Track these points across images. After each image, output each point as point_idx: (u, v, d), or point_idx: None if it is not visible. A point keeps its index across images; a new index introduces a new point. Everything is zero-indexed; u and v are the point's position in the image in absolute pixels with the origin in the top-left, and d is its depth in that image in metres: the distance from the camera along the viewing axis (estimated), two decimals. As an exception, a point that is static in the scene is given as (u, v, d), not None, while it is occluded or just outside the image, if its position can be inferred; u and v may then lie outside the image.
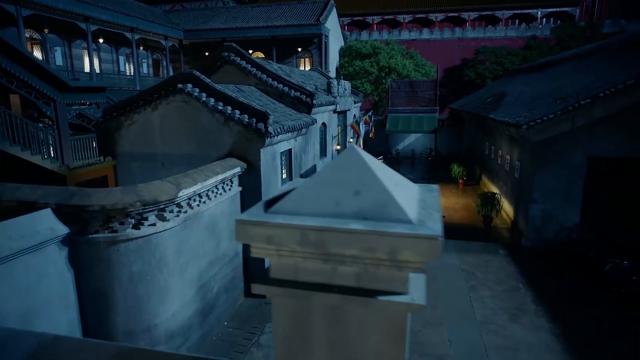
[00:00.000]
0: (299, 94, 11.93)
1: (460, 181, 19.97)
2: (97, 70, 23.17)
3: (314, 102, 11.91)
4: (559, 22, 41.99)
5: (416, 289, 1.38)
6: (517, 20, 50.98)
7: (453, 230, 13.43)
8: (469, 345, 7.30)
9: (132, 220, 5.68)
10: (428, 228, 1.31)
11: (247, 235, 1.38)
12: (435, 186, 1.72)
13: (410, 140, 29.75)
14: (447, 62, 44.52)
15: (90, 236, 5.55)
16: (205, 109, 8.62)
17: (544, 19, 50.91)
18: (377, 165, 1.50)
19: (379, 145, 28.19)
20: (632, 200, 11.27)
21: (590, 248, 10.28)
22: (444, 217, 12.29)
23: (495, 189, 16.34)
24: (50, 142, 11.21)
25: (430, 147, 28.21)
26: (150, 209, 5.76)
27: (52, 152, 11.24)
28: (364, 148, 27.47)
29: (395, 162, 27.76)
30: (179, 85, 8.65)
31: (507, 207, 14.78)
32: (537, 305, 8.62)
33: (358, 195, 1.43)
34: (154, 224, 5.87)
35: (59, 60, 22.20)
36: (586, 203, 11.59)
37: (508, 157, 14.82)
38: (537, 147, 11.63)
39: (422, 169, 25.15)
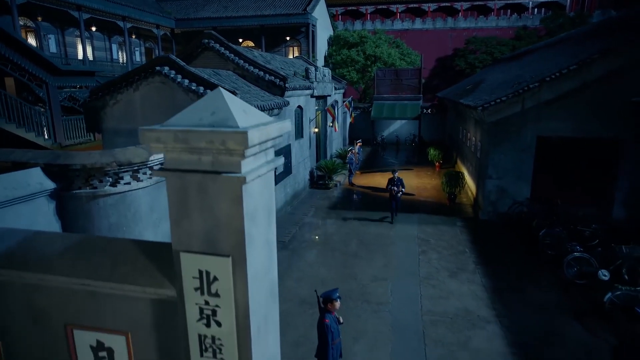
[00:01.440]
0: (272, 77, 12.90)
1: (437, 164, 21.00)
2: (90, 58, 24.00)
3: (287, 85, 12.88)
4: (550, 12, 42.76)
5: (246, 171, 2.47)
6: (508, 11, 51.68)
7: (419, 206, 14.50)
8: (408, 295, 8.40)
9: (110, 179, 6.71)
10: (242, 129, 2.38)
11: (146, 138, 2.46)
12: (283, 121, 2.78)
13: (395, 127, 30.72)
14: (440, 52, 45.33)
15: (74, 192, 6.58)
16: (180, 88, 9.61)
17: (535, 9, 51.63)
18: (235, 102, 2.61)
19: (365, 132, 29.19)
20: (575, 176, 12.34)
21: (534, 219, 11.35)
22: (412, 195, 13.27)
23: (465, 170, 17.42)
24: (44, 122, 12.18)
25: (414, 133, 29.18)
26: (125, 170, 6.78)
27: (45, 132, 12.21)
28: (349, 132, 28.44)
29: (380, 147, 28.79)
30: (157, 68, 9.63)
31: (471, 186, 15.85)
32: (476, 265, 9.72)
33: (213, 114, 2.53)
34: (129, 183, 6.90)
35: (53, 48, 23.01)
36: (535, 179, 12.66)
37: (473, 139, 15.86)
38: (492, 127, 12.67)
39: (406, 154, 26.16)
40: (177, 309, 3.19)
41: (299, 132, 15.34)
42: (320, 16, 31.85)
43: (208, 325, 3.01)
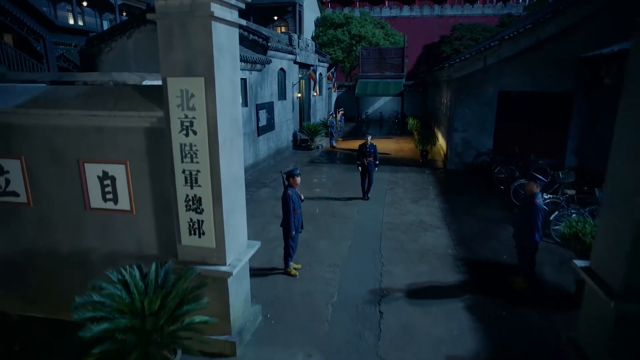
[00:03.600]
0: (256, 37, 13.88)
1: (415, 132, 22.14)
2: (82, 32, 24.67)
3: (269, 44, 13.87)
4: (533, 0, 43.80)
5: (214, 10, 3.52)
6: (494, -1, 52.54)
7: (394, 161, 15.64)
8: (372, 213, 9.51)
9: (107, 97, 7.71)
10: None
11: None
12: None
13: (379, 105, 31.82)
14: (427, 40, 46.43)
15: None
16: (170, 35, 10.57)
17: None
18: None
19: (350, 110, 30.24)
20: (534, 128, 13.53)
21: (495, 164, 12.53)
22: (388, 154, 14.41)
23: (439, 134, 18.59)
24: (41, 79, 13.03)
25: (397, 110, 30.31)
26: (121, 89, 7.79)
27: (42, 86, 13.06)
28: (335, 108, 29.41)
29: (364, 124, 29.88)
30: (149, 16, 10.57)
31: (443, 144, 17.02)
32: (436, 196, 10.89)
33: None
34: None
35: (46, 21, 23.62)
36: (497, 131, 13.83)
37: (444, 101, 17.01)
38: (458, 84, 13.79)
39: (388, 128, 27.31)
40: (165, 136, 4.23)
41: (281, 94, 16.35)
42: (308, -3, 32.66)
43: (187, 135, 4.07)
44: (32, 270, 5.18)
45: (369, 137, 10.64)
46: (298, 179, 6.31)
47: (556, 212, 7.83)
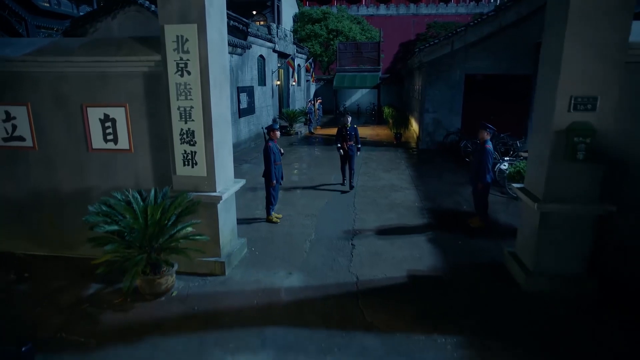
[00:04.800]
0: (236, 23, 14.47)
1: (391, 120, 23.07)
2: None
3: (249, 30, 14.49)
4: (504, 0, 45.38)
5: None
6: (467, -2, 54.18)
7: (369, 143, 16.45)
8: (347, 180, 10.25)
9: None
10: None
11: None
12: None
13: (357, 97, 32.72)
14: (403, 38, 47.68)
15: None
16: (154, 16, 11.07)
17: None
18: None
19: (329, 102, 31.02)
20: (498, 108, 14.55)
21: (462, 139, 13.47)
22: (365, 138, 15.16)
23: (413, 120, 19.52)
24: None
25: (373, 103, 31.24)
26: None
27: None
28: (312, 96, 30.09)
29: (341, 115, 30.71)
30: (133, -2, 11.06)
31: (416, 129, 17.95)
32: (407, 167, 11.72)
33: None
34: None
35: (22, 11, 23.55)
36: (465, 112, 14.80)
37: (417, 87, 17.95)
38: (428, 67, 14.70)
39: (365, 118, 28.23)
40: (161, 80, 4.85)
41: (261, 80, 16.97)
42: (286, -8, 33.29)
43: (182, 75, 4.72)
44: (37, 210, 5.69)
45: (349, 118, 9.38)
46: (277, 133, 6.98)
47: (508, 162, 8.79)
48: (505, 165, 10.17)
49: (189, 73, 4.69)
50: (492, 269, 5.35)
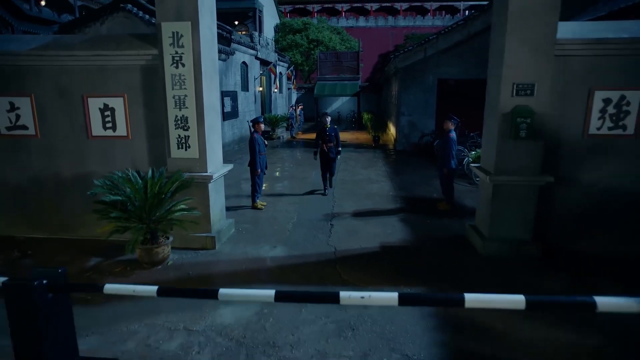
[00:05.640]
0: (220, 30, 15.08)
1: (369, 125, 23.92)
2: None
3: (232, 37, 15.12)
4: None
5: None
6: (443, 12, 56.30)
7: (348, 145, 17.17)
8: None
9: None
10: None
11: None
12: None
13: (337, 105, 33.61)
14: (382, 49, 49.08)
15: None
16: (142, 22, 11.61)
17: (467, 11, 56.89)
18: None
19: (310, 110, 31.82)
20: (468, 110, 15.48)
21: (435, 139, 14.30)
22: (344, 141, 15.84)
23: (390, 124, 20.38)
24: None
25: (353, 110, 32.17)
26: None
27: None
28: (294, 103, 30.78)
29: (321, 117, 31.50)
30: (122, 5, 11.58)
31: (393, 133, 18.79)
32: (384, 165, 12.45)
33: None
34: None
35: None
36: (438, 114, 15.68)
37: (394, 93, 18.83)
38: (403, 73, 15.57)
39: (346, 125, 29.08)
40: (157, 72, 5.41)
41: (244, 85, 17.57)
42: (267, 3, 34.15)
43: (177, 67, 5.31)
44: (37, 195, 6.12)
45: (329, 119, 9.04)
46: (262, 125, 7.58)
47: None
48: (472, 159, 11.00)
49: (183, 65, 5.27)
50: (455, 240, 6.03)
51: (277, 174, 11.19)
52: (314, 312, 4.05)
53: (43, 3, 26.13)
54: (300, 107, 23.07)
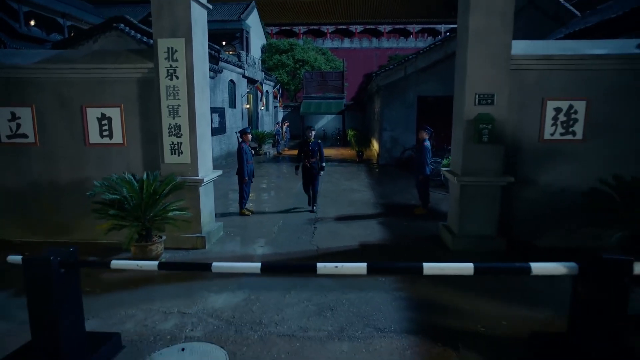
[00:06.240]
0: (208, 50, 15.66)
1: (353, 140, 24.59)
2: (31, 50, 25.11)
3: (220, 56, 15.71)
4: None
5: None
6: (425, 34, 58.25)
7: (333, 160, 17.73)
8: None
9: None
10: None
11: None
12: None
13: (323, 123, 34.38)
14: (366, 69, 50.30)
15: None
16: (134, 41, 12.11)
17: (447, 33, 58.91)
18: None
19: (296, 128, 32.49)
20: (448, 126, 16.21)
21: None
22: (329, 157, 16.39)
23: (374, 140, 21.06)
24: None
25: (339, 128, 32.94)
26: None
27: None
28: (280, 120, 31.37)
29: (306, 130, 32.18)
30: (114, 24, 12.09)
31: (376, 148, 19.44)
32: (366, 177, 12.99)
33: None
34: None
35: (-7, 38, 23.94)
36: (418, 130, 16.35)
37: (376, 109, 19.57)
38: (385, 90, 16.30)
39: (331, 142, 29.76)
40: (152, 85, 5.87)
41: (232, 103, 18.10)
42: (254, 25, 35.13)
43: (171, 79, 5.79)
44: (35, 200, 6.43)
45: (313, 133, 8.77)
46: (249, 136, 8.06)
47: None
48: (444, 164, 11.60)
49: (177, 77, 5.75)
50: (429, 238, 6.52)
51: (264, 185, 11.62)
52: (297, 296, 4.46)
53: (33, 23, 26.54)
54: (286, 124, 23.67)
